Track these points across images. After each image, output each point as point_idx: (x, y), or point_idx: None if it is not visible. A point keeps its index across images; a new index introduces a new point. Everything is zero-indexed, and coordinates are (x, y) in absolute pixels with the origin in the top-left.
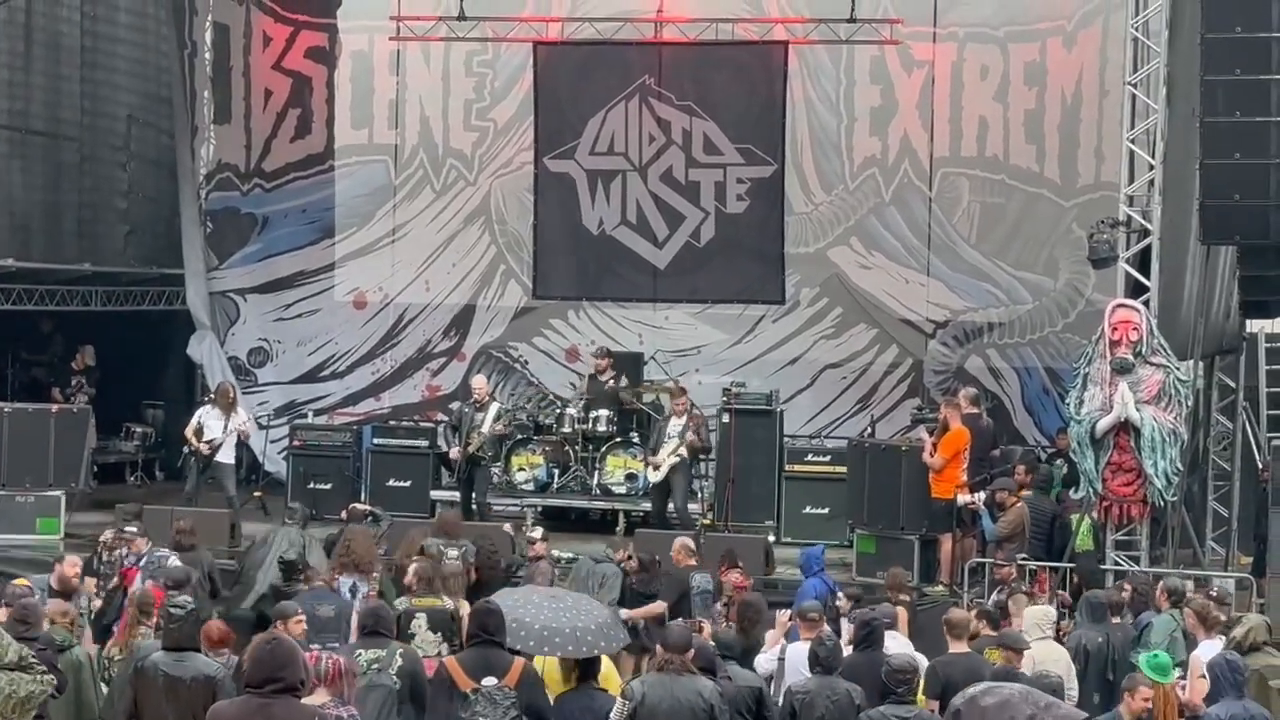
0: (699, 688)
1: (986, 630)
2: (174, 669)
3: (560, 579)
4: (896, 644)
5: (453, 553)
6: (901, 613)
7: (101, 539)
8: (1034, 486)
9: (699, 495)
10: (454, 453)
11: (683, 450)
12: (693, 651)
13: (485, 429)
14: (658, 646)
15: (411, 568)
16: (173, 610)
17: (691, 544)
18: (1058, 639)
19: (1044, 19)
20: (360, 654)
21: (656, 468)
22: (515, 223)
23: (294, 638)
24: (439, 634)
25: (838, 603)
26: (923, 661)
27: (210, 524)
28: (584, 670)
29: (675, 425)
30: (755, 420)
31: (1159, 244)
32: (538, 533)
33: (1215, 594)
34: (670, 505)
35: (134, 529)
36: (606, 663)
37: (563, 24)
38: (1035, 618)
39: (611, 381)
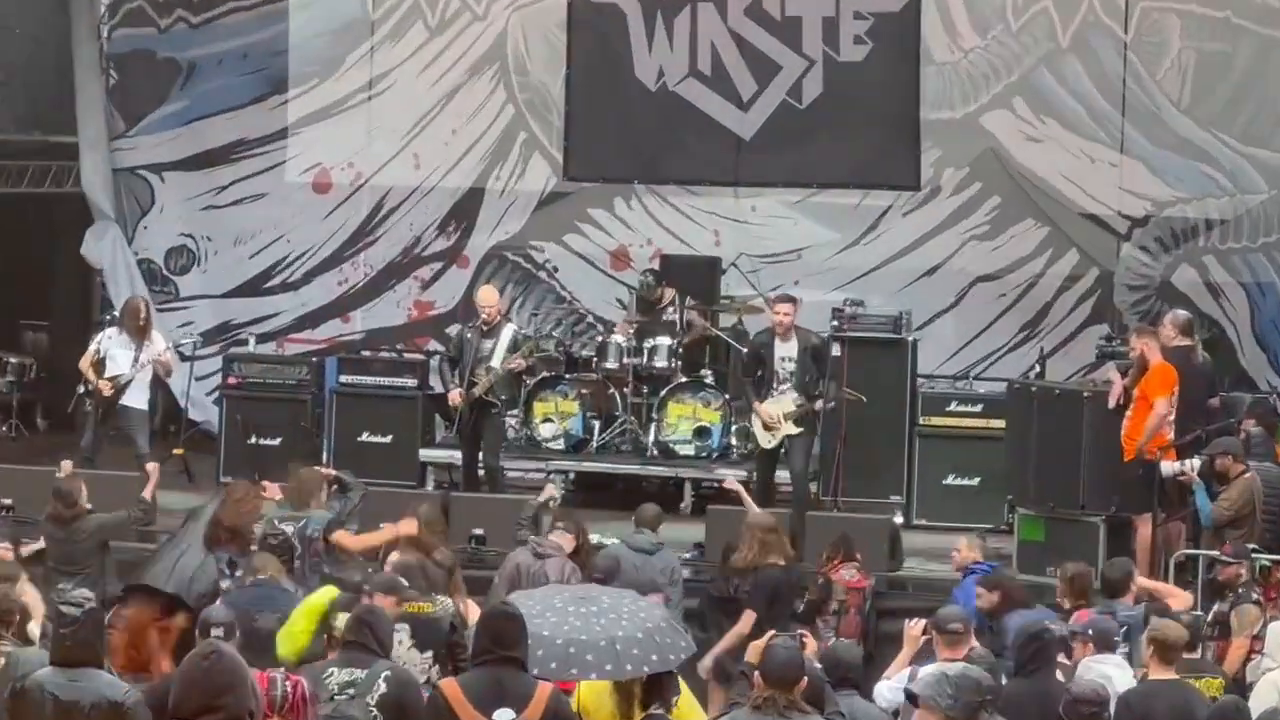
0: None
1: (1185, 653)
2: (67, 692)
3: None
4: (1124, 675)
5: (288, 529)
6: None
7: None
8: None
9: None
10: (453, 395)
11: (818, 404)
12: (805, 682)
13: (496, 363)
14: (756, 676)
15: (391, 558)
16: (64, 610)
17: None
18: None
19: None
20: (332, 674)
21: (769, 427)
22: (541, 74)
23: None
24: (429, 652)
25: None
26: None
27: (114, 493)
28: (649, 696)
29: (787, 355)
30: (877, 353)
31: None
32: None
33: None
34: (786, 471)
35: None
36: (683, 687)
37: None
38: None
39: (673, 312)
